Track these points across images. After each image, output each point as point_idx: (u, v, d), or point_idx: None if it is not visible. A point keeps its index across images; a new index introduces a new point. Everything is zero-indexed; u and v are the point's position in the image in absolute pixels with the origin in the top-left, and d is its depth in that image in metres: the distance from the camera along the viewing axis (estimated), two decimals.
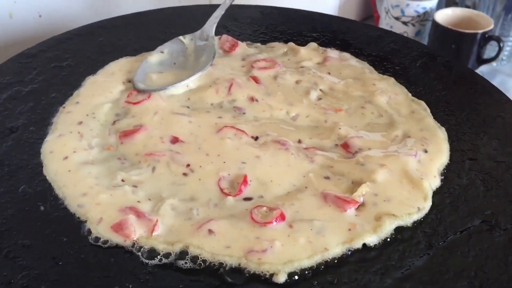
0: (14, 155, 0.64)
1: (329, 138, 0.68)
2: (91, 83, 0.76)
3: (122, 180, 0.61)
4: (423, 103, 0.74)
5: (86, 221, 0.57)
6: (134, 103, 0.71)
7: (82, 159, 0.64)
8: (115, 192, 0.59)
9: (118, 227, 0.55)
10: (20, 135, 0.67)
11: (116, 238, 0.55)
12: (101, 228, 0.56)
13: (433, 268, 0.53)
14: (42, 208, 0.58)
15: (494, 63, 1.36)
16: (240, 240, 0.55)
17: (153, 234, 0.55)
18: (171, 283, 0.51)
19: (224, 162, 0.63)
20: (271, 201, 0.59)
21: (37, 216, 0.57)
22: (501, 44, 1.34)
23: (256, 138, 0.67)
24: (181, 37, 0.82)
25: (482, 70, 1.25)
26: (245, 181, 0.60)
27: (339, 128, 0.69)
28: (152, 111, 0.70)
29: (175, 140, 0.66)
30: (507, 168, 0.64)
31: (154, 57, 0.79)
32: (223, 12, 0.83)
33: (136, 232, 0.55)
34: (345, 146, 0.67)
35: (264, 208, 0.57)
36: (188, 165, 0.63)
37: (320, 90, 0.77)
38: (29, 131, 0.67)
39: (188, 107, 0.72)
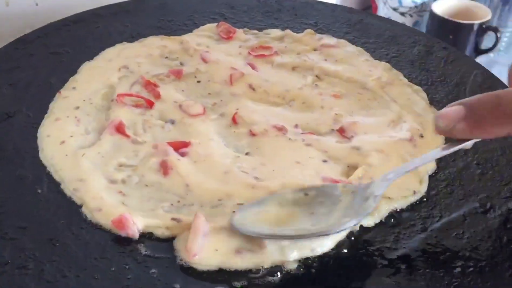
0: (10, 139, 0.64)
1: (325, 123, 0.69)
2: (88, 69, 0.76)
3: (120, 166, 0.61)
4: (420, 88, 0.74)
5: (82, 205, 0.57)
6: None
7: (79, 144, 0.64)
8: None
9: (119, 225, 0.54)
10: (17, 119, 0.67)
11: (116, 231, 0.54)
12: (99, 216, 0.55)
13: (428, 250, 0.53)
14: (39, 191, 0.58)
15: (491, 54, 1.37)
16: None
17: None
18: (169, 266, 0.51)
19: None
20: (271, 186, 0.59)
21: (34, 199, 0.57)
22: (499, 35, 1.34)
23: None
24: (340, 186, 0.56)
25: (479, 60, 1.25)
26: None
27: (335, 114, 0.70)
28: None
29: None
30: (501, 152, 0.64)
31: (289, 195, 0.56)
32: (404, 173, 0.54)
33: (138, 226, 0.54)
34: (341, 130, 0.67)
35: None
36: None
37: (316, 76, 0.77)
38: (26, 115, 0.67)
39: (183, 90, 0.73)
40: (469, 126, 0.43)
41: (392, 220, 0.56)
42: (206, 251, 0.52)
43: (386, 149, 0.64)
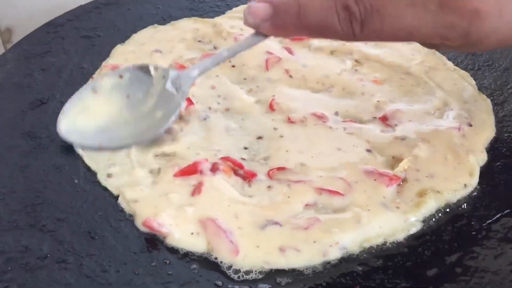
0: (44, 126, 0.63)
1: (367, 110, 0.66)
2: (120, 53, 0.74)
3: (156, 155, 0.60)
4: (467, 74, 0.70)
5: (118, 195, 0.55)
6: None
7: None
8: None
9: (149, 228, 0.52)
10: (50, 106, 0.66)
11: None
12: (136, 207, 0.54)
13: (483, 251, 0.50)
14: (76, 181, 0.57)
15: None
16: None
17: None
18: (210, 262, 0.50)
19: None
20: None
21: (71, 189, 0.56)
22: None
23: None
24: (152, 67, 0.53)
25: None
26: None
27: (377, 100, 0.67)
28: None
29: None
30: None
31: (106, 80, 0.52)
32: (212, 66, 0.53)
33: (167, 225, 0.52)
34: (384, 118, 0.64)
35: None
36: None
37: (356, 60, 0.74)
38: (59, 102, 0.66)
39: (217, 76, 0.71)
40: (273, 27, 0.47)
41: (441, 216, 0.54)
42: (246, 249, 0.50)
43: (432, 139, 0.60)
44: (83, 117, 0.51)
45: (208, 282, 0.48)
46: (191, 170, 0.56)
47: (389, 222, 0.52)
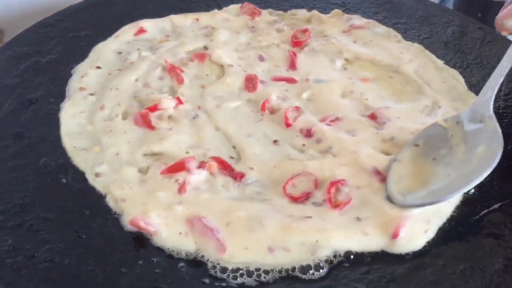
0: (34, 126, 0.63)
1: (356, 108, 0.66)
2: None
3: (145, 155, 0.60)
4: (455, 72, 0.71)
5: (106, 195, 0.55)
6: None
7: (103, 131, 0.62)
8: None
9: (136, 227, 0.52)
10: (40, 106, 0.65)
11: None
12: (124, 206, 0.54)
13: (471, 247, 0.51)
14: (63, 180, 0.57)
15: None
16: None
17: None
18: (197, 260, 0.50)
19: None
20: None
21: (58, 189, 0.56)
22: None
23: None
24: (441, 121, 0.57)
25: None
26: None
27: (366, 99, 0.67)
28: None
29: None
30: None
31: (404, 154, 0.56)
32: (501, 80, 0.57)
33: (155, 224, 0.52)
34: (373, 117, 0.64)
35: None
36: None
37: (345, 59, 0.74)
38: (48, 102, 0.66)
39: (207, 75, 0.71)
40: None
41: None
42: (233, 247, 0.50)
43: None
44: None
45: (195, 280, 0.48)
46: (177, 167, 0.56)
47: None
